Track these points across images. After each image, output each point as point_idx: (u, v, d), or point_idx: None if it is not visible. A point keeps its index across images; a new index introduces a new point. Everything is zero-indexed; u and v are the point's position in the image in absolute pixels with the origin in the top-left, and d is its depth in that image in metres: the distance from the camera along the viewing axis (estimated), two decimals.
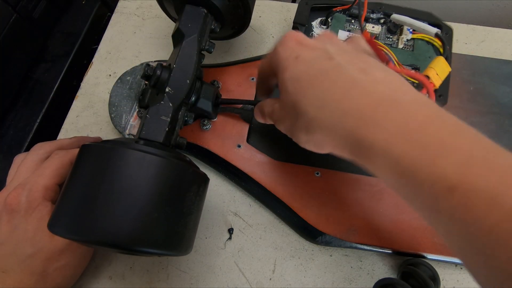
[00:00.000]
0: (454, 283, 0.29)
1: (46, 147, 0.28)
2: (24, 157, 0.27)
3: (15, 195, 0.24)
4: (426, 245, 0.28)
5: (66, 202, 0.20)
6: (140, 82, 0.34)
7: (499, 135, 0.32)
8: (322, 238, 0.28)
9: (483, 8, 0.49)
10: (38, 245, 0.24)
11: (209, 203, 0.32)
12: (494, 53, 0.39)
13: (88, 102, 0.37)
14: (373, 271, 0.29)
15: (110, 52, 0.39)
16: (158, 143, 0.23)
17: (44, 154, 0.27)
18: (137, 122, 0.33)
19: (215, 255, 0.30)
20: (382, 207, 0.29)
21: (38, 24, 0.39)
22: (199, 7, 0.29)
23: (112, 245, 0.19)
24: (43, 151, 0.27)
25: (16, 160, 0.28)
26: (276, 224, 0.31)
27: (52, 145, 0.28)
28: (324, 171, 0.31)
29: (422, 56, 0.33)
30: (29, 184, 0.25)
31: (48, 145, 0.28)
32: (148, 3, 0.43)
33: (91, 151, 0.21)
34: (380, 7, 0.34)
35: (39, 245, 0.24)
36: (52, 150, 0.28)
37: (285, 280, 0.29)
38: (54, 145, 0.28)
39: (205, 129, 0.32)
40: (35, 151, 0.28)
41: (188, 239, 0.22)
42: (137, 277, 0.29)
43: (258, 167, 0.31)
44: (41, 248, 0.24)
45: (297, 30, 0.27)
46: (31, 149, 0.28)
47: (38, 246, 0.24)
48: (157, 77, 0.26)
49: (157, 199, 0.19)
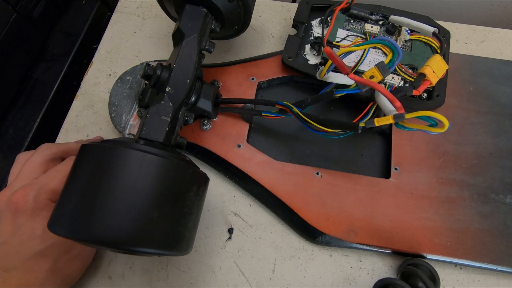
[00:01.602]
0: (454, 283, 0.29)
1: (53, 149, 0.28)
2: (29, 157, 0.27)
3: (23, 194, 0.24)
4: (426, 245, 0.28)
5: (66, 201, 0.20)
6: (140, 81, 0.34)
7: (499, 135, 0.32)
8: (322, 238, 0.28)
9: (483, 8, 0.49)
10: (48, 241, 0.24)
11: (209, 203, 0.32)
12: (494, 53, 0.39)
13: (88, 101, 0.37)
14: (373, 271, 0.29)
15: (110, 52, 0.39)
16: (158, 143, 0.23)
17: (50, 156, 0.27)
18: (137, 121, 0.33)
19: (215, 255, 0.30)
20: (382, 207, 0.29)
21: (38, 24, 0.39)
22: (199, 7, 0.29)
23: (112, 245, 0.19)
24: (49, 152, 0.27)
25: (19, 159, 0.28)
26: (276, 224, 0.31)
27: (60, 148, 0.28)
28: (324, 171, 0.31)
29: (420, 57, 0.33)
30: (38, 185, 0.25)
31: (55, 147, 0.28)
32: (148, 2, 0.43)
33: (91, 151, 0.21)
34: (379, 9, 0.34)
35: (50, 242, 0.24)
36: (58, 152, 0.28)
37: (285, 280, 0.29)
38: (62, 148, 0.28)
39: (205, 129, 0.32)
40: (42, 151, 0.27)
41: (188, 239, 0.22)
42: (137, 277, 0.29)
43: (258, 167, 0.31)
44: (52, 244, 0.24)
45: (296, 28, 0.26)
46: (38, 149, 0.28)
47: (48, 242, 0.24)
48: (157, 76, 0.26)
49: (157, 199, 0.19)
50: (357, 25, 0.35)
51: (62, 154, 0.28)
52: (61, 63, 0.40)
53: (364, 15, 0.34)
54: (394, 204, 0.29)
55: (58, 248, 0.25)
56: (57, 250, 0.25)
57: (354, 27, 0.34)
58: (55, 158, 0.28)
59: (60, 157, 0.28)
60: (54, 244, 0.24)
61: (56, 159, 0.28)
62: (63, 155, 0.28)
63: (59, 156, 0.28)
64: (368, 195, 0.30)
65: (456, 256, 0.28)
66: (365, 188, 0.30)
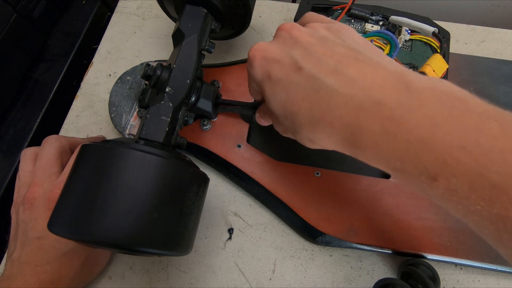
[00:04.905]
0: (454, 283, 0.29)
1: (62, 141, 0.28)
2: (37, 151, 0.27)
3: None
4: (426, 245, 0.28)
5: (66, 201, 0.20)
6: (140, 82, 0.34)
7: None
8: (322, 238, 0.28)
9: (483, 8, 0.49)
10: None
11: (209, 203, 0.32)
12: (494, 53, 0.39)
13: (88, 102, 0.37)
14: (373, 271, 0.29)
15: (110, 52, 0.39)
16: (158, 143, 0.23)
17: (61, 148, 0.27)
18: (137, 122, 0.33)
19: (215, 255, 0.30)
20: (382, 207, 0.29)
21: (38, 24, 0.39)
22: (199, 7, 0.29)
23: (112, 245, 0.19)
24: (60, 144, 0.27)
25: (26, 155, 0.28)
26: (276, 224, 0.31)
27: (68, 140, 0.28)
28: (324, 171, 0.31)
29: (420, 56, 0.33)
30: (47, 183, 0.25)
31: (64, 139, 0.28)
32: (148, 3, 0.43)
33: (91, 151, 0.21)
34: (379, 9, 0.35)
35: None
36: (67, 144, 0.28)
37: (285, 280, 0.29)
38: (70, 140, 0.29)
39: (205, 129, 0.32)
40: (51, 143, 0.27)
41: (188, 239, 0.22)
42: (137, 277, 0.29)
43: (258, 167, 0.31)
44: None
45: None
46: (47, 142, 0.28)
47: None
48: (157, 77, 0.26)
49: (157, 199, 0.19)
50: (357, 25, 0.35)
51: (71, 146, 0.29)
52: (61, 63, 0.40)
53: (365, 15, 0.35)
54: (394, 204, 0.29)
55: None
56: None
57: (355, 27, 0.34)
58: (65, 150, 0.28)
59: (69, 149, 0.28)
60: None
61: (66, 151, 0.28)
62: (71, 147, 0.29)
63: (68, 148, 0.28)
64: (368, 195, 0.30)
65: (456, 256, 0.28)
66: (365, 188, 0.30)
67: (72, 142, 0.29)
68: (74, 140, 0.29)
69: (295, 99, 0.20)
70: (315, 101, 0.19)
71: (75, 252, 0.25)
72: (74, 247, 0.25)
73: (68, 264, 0.24)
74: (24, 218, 0.25)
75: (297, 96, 0.20)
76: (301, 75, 0.20)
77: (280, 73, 0.21)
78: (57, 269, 0.24)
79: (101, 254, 0.28)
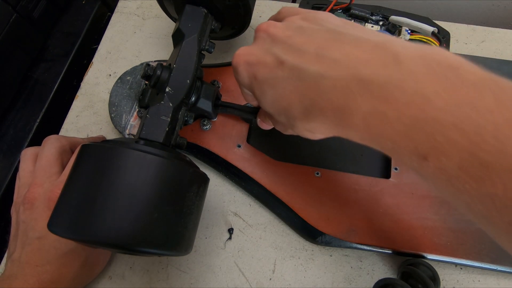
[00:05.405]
0: (454, 283, 0.29)
1: (63, 141, 0.28)
2: (37, 151, 0.27)
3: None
4: (426, 245, 0.28)
5: (66, 201, 0.20)
6: (140, 82, 0.34)
7: None
8: (322, 238, 0.28)
9: (483, 8, 0.49)
10: None
11: (209, 203, 0.32)
12: (494, 53, 0.39)
13: (88, 102, 0.37)
14: (373, 271, 0.29)
15: (110, 52, 0.39)
16: (158, 143, 0.23)
17: (61, 148, 0.27)
18: (137, 122, 0.33)
19: (215, 255, 0.30)
20: (382, 207, 0.29)
21: (38, 24, 0.39)
22: (199, 7, 0.29)
23: (112, 245, 0.19)
24: (60, 144, 0.27)
25: (26, 155, 0.28)
26: (276, 224, 0.31)
27: (68, 140, 0.28)
28: (324, 171, 0.31)
29: None
30: (47, 183, 0.25)
31: (64, 139, 0.28)
32: (148, 3, 0.43)
33: (91, 151, 0.21)
34: (379, 10, 0.35)
35: None
36: (67, 144, 0.28)
37: (285, 280, 0.29)
38: (70, 140, 0.29)
39: (205, 129, 0.32)
40: (52, 143, 0.27)
41: (188, 239, 0.22)
42: (137, 277, 0.29)
43: (258, 167, 0.31)
44: None
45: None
46: (47, 142, 0.28)
47: None
48: (157, 77, 0.26)
49: (157, 199, 0.19)
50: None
51: (71, 146, 0.29)
52: (61, 63, 0.40)
53: (365, 15, 0.35)
54: (394, 204, 0.29)
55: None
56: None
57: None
58: (66, 150, 0.28)
59: (70, 149, 0.28)
60: None
61: (66, 151, 0.28)
62: (72, 147, 0.29)
63: (68, 148, 0.28)
64: (368, 195, 0.30)
65: (456, 256, 0.28)
66: (365, 188, 0.30)
67: (72, 142, 0.29)
68: (74, 140, 0.29)
69: (284, 94, 0.20)
70: (304, 91, 0.19)
71: (75, 252, 0.25)
72: (74, 247, 0.25)
73: (69, 264, 0.24)
74: (24, 218, 0.25)
75: (285, 91, 0.20)
76: (284, 69, 0.20)
77: (264, 73, 0.21)
78: (58, 269, 0.24)
79: (101, 254, 0.28)
